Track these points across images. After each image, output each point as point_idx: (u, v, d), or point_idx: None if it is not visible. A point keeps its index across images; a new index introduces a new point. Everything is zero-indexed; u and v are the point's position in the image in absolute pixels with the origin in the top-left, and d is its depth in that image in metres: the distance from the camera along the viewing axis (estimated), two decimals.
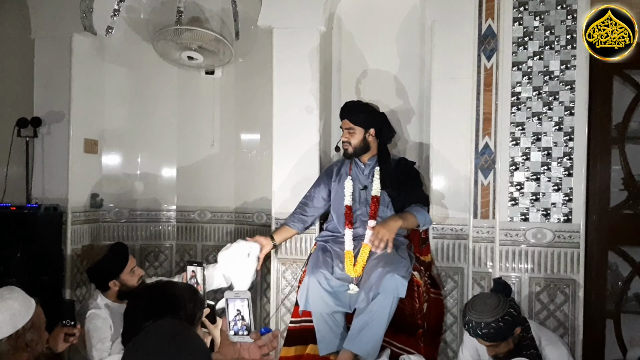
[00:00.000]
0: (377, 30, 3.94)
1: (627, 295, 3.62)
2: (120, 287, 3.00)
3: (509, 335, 2.52)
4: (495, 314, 2.47)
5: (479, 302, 2.58)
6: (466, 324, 2.57)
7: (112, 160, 4.44)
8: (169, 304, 1.89)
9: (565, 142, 3.27)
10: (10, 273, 3.57)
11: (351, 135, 3.38)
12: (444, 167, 3.51)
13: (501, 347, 2.55)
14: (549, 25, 3.29)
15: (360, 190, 3.39)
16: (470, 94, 3.41)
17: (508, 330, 2.50)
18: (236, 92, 4.37)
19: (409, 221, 3.18)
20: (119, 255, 3.03)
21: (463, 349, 2.97)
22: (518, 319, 2.54)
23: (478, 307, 2.54)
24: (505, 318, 2.47)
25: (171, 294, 1.93)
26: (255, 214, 4.16)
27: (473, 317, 2.51)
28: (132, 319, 1.88)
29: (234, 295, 1.66)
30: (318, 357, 3.04)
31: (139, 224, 4.48)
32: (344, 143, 3.41)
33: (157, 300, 1.91)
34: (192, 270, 2.21)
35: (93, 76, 4.25)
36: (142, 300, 1.91)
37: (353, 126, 3.38)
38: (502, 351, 2.56)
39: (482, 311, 2.50)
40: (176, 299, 1.91)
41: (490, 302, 2.53)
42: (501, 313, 2.48)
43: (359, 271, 3.12)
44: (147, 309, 1.86)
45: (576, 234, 3.25)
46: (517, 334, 2.56)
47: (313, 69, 3.65)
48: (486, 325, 2.47)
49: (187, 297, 1.95)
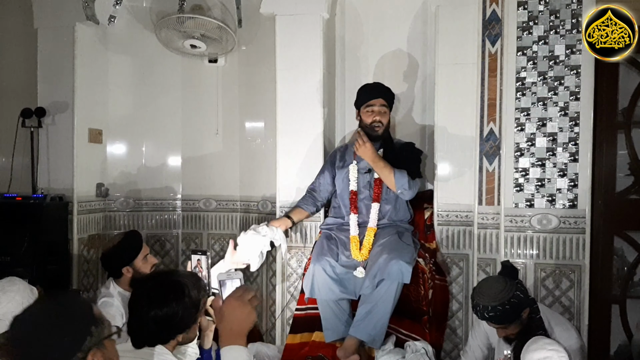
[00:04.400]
0: (381, 16, 3.93)
1: (632, 281, 3.61)
2: (133, 274, 3.02)
3: (517, 317, 2.53)
4: (502, 298, 2.48)
5: (486, 286, 2.59)
6: (474, 307, 2.58)
7: (117, 150, 4.45)
8: (173, 291, 1.91)
9: (570, 128, 3.25)
10: (17, 263, 3.60)
11: (383, 116, 3.33)
12: (448, 153, 3.51)
13: (510, 329, 2.57)
14: (553, 10, 3.25)
15: (365, 173, 3.37)
16: (474, 80, 3.39)
17: (515, 312, 2.51)
18: (240, 80, 4.35)
19: (386, 170, 3.20)
20: (133, 242, 3.04)
21: (473, 333, 2.99)
22: (525, 301, 2.55)
23: (485, 291, 2.55)
24: (512, 301, 2.48)
25: (175, 281, 1.95)
26: (261, 202, 4.16)
27: (480, 301, 2.52)
28: (137, 308, 1.89)
29: (227, 276, 1.69)
30: (324, 344, 3.06)
31: (145, 213, 4.50)
32: (376, 122, 3.32)
33: (161, 287, 1.93)
34: (198, 259, 2.21)
35: (96, 66, 4.25)
36: (146, 288, 1.93)
37: (387, 105, 3.35)
38: (512, 332, 2.58)
39: (489, 295, 2.51)
40: (180, 285, 1.93)
41: (497, 286, 2.54)
42: (507, 296, 2.48)
43: (365, 255, 3.13)
44: (151, 297, 1.88)
45: (582, 220, 3.24)
46: (526, 316, 2.57)
47: (316, 55, 3.64)
48: (493, 309, 2.48)
49: (191, 283, 1.97)
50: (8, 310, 1.94)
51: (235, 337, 1.53)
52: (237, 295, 1.58)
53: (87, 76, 4.10)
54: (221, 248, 4.45)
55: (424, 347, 2.87)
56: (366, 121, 3.33)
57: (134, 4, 4.33)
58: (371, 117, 3.32)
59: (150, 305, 1.87)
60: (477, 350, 2.97)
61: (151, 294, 1.89)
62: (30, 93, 4.09)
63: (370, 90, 3.39)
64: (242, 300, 1.56)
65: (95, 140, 4.23)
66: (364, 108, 3.35)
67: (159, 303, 1.88)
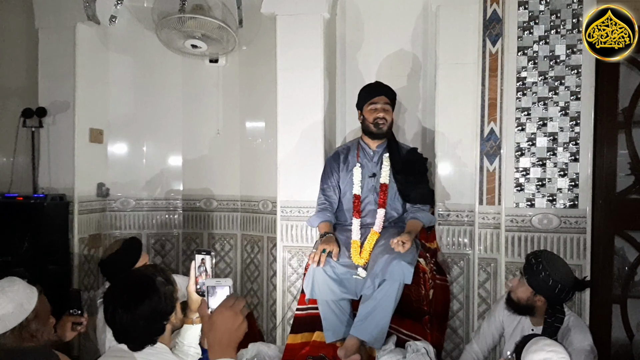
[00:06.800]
0: (382, 16, 3.92)
1: (633, 280, 3.61)
2: None
3: (542, 293, 2.61)
4: (556, 277, 2.56)
5: (561, 263, 2.68)
6: (534, 257, 2.66)
7: (117, 150, 4.46)
8: (145, 284, 1.98)
9: (571, 127, 3.25)
10: (18, 263, 3.60)
11: (387, 113, 3.31)
12: (449, 153, 3.51)
13: (523, 292, 2.67)
14: (554, 9, 3.26)
15: (369, 177, 3.36)
16: (475, 80, 3.39)
17: (545, 291, 2.59)
18: (240, 80, 4.36)
19: (418, 228, 3.22)
20: (133, 250, 3.02)
21: (489, 320, 3.00)
22: (558, 300, 2.62)
23: (557, 263, 2.64)
24: (557, 286, 2.56)
25: (140, 276, 2.03)
26: (261, 202, 4.17)
27: (544, 262, 2.60)
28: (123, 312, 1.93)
29: (216, 282, 1.66)
30: (324, 344, 3.05)
31: (145, 213, 4.51)
32: (380, 119, 3.30)
33: (133, 286, 1.99)
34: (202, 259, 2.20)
35: (97, 65, 4.25)
36: (120, 295, 1.97)
37: (389, 103, 3.33)
38: (521, 295, 2.68)
39: (555, 266, 2.60)
40: (146, 277, 2.01)
41: (564, 270, 2.62)
42: (560, 281, 2.56)
43: (366, 258, 3.12)
44: (131, 297, 1.94)
45: (582, 220, 3.24)
46: (540, 304, 2.65)
47: (317, 55, 3.63)
48: (545, 275, 2.56)
49: (153, 272, 2.05)
50: (8, 311, 1.94)
51: (225, 348, 1.47)
52: (229, 305, 1.50)
53: (88, 76, 4.11)
54: (222, 248, 4.46)
55: (425, 347, 2.87)
56: (369, 119, 3.31)
57: (134, 4, 4.33)
58: (375, 114, 3.30)
59: (134, 304, 1.92)
60: (489, 337, 2.98)
61: (129, 295, 1.94)
62: (31, 93, 4.11)
63: (372, 89, 3.38)
64: (234, 310, 1.49)
65: (96, 140, 4.24)
66: (366, 106, 3.34)
67: (139, 299, 1.93)
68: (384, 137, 3.34)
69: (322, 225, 3.33)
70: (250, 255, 4.35)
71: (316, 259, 3.01)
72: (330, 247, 3.06)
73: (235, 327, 1.47)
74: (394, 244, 2.95)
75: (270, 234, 4.10)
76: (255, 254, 4.30)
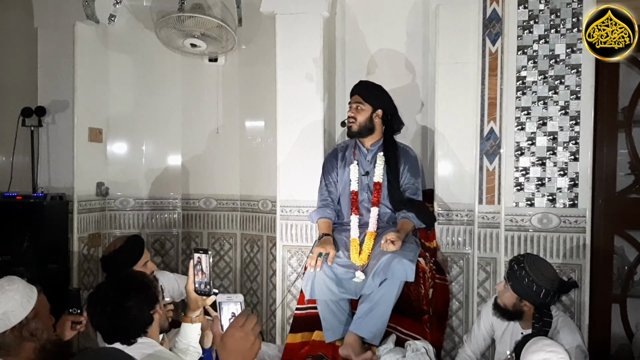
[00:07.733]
0: (382, 15, 3.92)
1: (633, 280, 3.61)
2: None
3: (527, 298, 2.60)
4: (541, 284, 2.55)
5: (545, 266, 2.67)
6: (517, 262, 2.65)
7: (117, 149, 4.45)
8: (130, 280, 2.10)
9: (571, 127, 3.24)
10: (18, 262, 3.60)
11: (358, 112, 3.33)
12: (449, 152, 3.50)
13: (508, 298, 2.65)
14: (554, 8, 3.25)
15: (362, 175, 3.37)
16: (475, 79, 3.38)
17: (531, 297, 2.58)
18: (240, 79, 4.35)
19: (407, 228, 3.22)
20: (135, 247, 3.01)
21: (479, 323, 3.00)
22: (544, 304, 2.61)
23: (540, 266, 2.62)
24: (542, 290, 2.55)
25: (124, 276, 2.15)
26: (261, 202, 4.16)
27: (527, 266, 2.59)
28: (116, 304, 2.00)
29: (227, 298, 1.64)
30: (324, 344, 3.06)
31: (145, 212, 4.50)
32: (349, 119, 3.35)
33: (120, 283, 2.09)
34: (198, 257, 2.21)
35: (97, 64, 4.24)
36: (109, 293, 2.05)
37: (362, 102, 3.33)
38: (506, 301, 2.67)
39: (539, 271, 2.59)
40: (128, 274, 2.15)
41: (549, 275, 2.61)
42: (544, 287, 2.55)
43: (365, 259, 3.11)
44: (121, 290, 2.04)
45: (582, 219, 3.23)
46: (527, 309, 2.64)
47: (316, 54, 3.63)
48: (529, 281, 2.55)
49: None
50: (7, 310, 1.94)
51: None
52: (239, 325, 1.46)
53: (87, 75, 4.10)
54: (221, 247, 4.45)
55: (425, 346, 2.87)
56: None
57: (134, 2, 4.33)
58: (349, 112, 3.38)
59: (124, 296, 2.01)
60: (481, 339, 2.99)
61: (119, 289, 2.03)
62: (30, 92, 4.09)
63: (353, 87, 3.44)
64: (245, 330, 1.44)
65: (95, 139, 4.23)
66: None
67: (125, 292, 2.02)
68: (356, 136, 3.37)
69: (322, 224, 3.35)
70: (249, 255, 4.34)
71: (313, 264, 3.04)
72: (326, 250, 3.09)
73: (247, 348, 1.44)
74: (383, 246, 2.97)
75: (269, 233, 4.10)
76: (254, 253, 4.30)
